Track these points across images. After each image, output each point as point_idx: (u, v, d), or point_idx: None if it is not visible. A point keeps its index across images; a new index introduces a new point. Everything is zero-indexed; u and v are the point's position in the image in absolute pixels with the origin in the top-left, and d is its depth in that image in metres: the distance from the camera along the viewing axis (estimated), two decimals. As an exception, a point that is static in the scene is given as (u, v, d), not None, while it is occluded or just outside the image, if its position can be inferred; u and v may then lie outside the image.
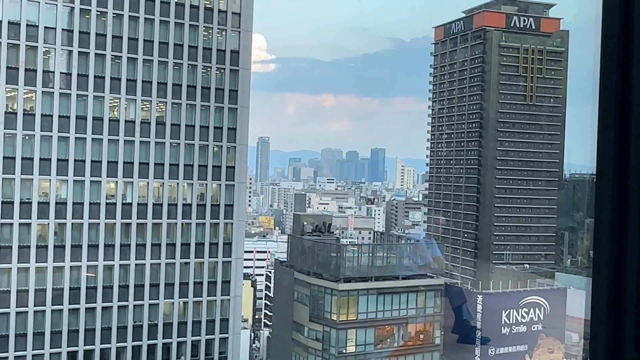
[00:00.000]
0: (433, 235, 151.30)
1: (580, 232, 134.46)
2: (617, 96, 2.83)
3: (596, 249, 2.91)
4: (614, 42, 2.85)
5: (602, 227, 2.87)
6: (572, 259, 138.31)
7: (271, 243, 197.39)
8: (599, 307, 2.90)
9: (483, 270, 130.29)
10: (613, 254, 2.86)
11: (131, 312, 64.40)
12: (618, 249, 2.85)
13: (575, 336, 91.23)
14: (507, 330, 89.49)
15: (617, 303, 2.86)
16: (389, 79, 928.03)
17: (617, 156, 2.84)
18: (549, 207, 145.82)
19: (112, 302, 63.58)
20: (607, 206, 2.86)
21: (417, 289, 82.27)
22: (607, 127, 2.86)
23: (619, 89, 2.83)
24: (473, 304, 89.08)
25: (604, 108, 2.86)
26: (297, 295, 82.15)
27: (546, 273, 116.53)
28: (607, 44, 2.87)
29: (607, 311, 2.88)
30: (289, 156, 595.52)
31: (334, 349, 77.39)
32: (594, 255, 2.92)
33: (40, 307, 60.42)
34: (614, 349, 2.87)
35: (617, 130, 2.84)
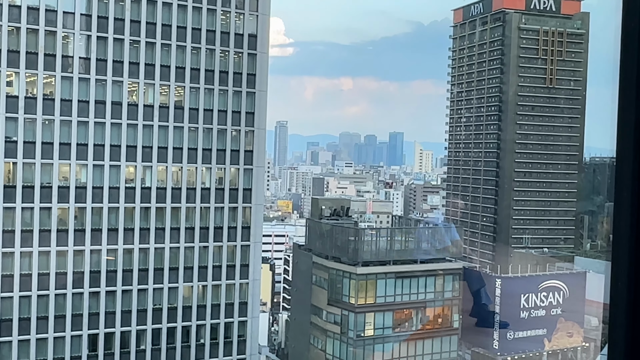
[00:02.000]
0: (451, 219, 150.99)
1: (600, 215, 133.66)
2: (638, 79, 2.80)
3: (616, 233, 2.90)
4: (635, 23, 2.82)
5: (622, 211, 2.85)
6: (592, 242, 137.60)
7: (289, 227, 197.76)
8: (618, 291, 2.88)
9: (502, 254, 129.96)
10: (633, 237, 2.85)
11: (151, 296, 64.90)
12: (638, 233, 2.84)
13: (594, 320, 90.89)
14: (526, 314, 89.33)
15: (637, 287, 2.85)
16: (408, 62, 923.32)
17: (637, 139, 2.81)
18: (568, 190, 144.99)
19: (132, 286, 64.09)
20: (627, 189, 2.84)
21: (435, 273, 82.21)
22: (627, 110, 2.83)
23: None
24: (492, 288, 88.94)
25: (624, 91, 2.84)
26: (315, 279, 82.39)
27: (565, 257, 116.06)
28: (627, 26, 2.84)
29: (627, 295, 2.86)
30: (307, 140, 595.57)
31: (352, 332, 77.62)
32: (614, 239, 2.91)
33: (61, 290, 61.03)
34: (633, 332, 2.85)
35: (637, 113, 2.81)
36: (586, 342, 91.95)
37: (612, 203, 2.95)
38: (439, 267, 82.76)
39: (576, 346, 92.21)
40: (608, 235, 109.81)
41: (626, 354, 2.84)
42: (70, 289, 61.33)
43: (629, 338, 2.84)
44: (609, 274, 2.94)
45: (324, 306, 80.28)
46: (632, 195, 2.83)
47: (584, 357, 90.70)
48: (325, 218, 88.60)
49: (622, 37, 2.85)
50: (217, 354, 67.62)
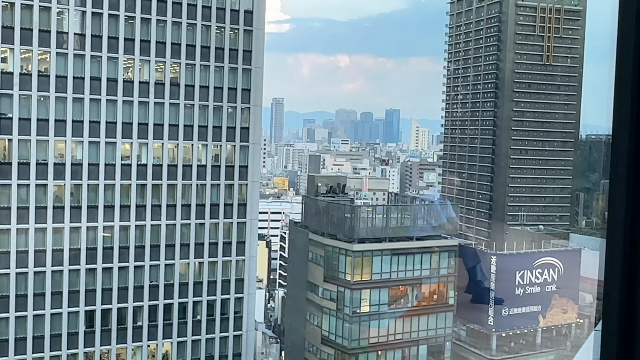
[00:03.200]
0: (447, 196, 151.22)
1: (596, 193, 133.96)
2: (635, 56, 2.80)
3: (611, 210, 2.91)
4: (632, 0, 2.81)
5: (617, 188, 2.86)
6: (587, 220, 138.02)
7: (285, 204, 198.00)
8: (613, 267, 2.90)
9: (497, 231, 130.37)
10: (628, 215, 2.86)
11: (147, 272, 65.07)
12: (633, 210, 2.85)
13: (588, 297, 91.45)
14: (521, 291, 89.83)
15: (631, 264, 2.87)
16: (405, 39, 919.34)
17: (633, 117, 2.81)
18: (564, 168, 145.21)
19: (129, 262, 64.23)
20: (623, 167, 2.84)
21: (431, 250, 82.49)
22: (623, 88, 2.83)
23: (637, 49, 2.80)
24: (487, 265, 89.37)
25: (621, 68, 2.83)
26: (311, 256, 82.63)
27: (561, 234, 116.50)
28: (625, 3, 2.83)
29: (621, 272, 2.88)
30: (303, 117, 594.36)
31: (348, 308, 78.00)
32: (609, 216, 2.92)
33: (57, 267, 61.14)
34: (627, 309, 2.87)
35: (634, 91, 2.81)
36: (580, 319, 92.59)
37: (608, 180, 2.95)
38: (435, 244, 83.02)
39: (570, 322, 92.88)
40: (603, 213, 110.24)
41: (620, 330, 2.86)
42: (66, 265, 61.44)
43: (623, 314, 2.86)
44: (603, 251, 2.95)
45: (320, 283, 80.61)
46: (628, 173, 2.83)
47: (578, 332, 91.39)
48: (321, 195, 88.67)
49: (619, 14, 2.84)
50: (214, 330, 67.97)
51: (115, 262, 63.59)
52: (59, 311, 61.18)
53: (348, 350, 78.05)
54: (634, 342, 2.85)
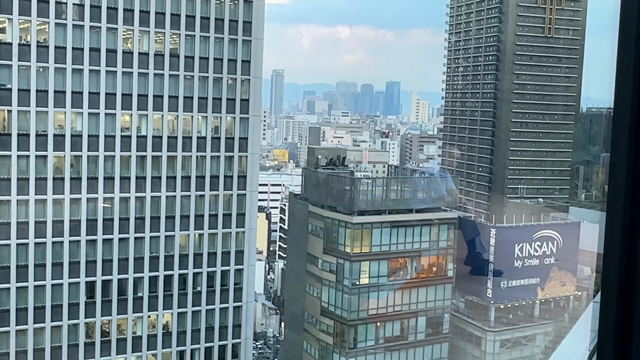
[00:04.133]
0: (447, 168, 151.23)
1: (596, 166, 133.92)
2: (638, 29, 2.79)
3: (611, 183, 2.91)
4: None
5: (618, 161, 2.86)
6: (587, 193, 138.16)
7: (285, 176, 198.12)
8: (612, 240, 2.91)
9: (497, 204, 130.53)
10: (628, 188, 2.86)
11: (147, 244, 65.27)
12: (633, 183, 2.85)
13: (587, 269, 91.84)
14: (520, 264, 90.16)
15: (631, 237, 2.88)
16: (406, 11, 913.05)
17: (635, 90, 2.81)
18: (564, 141, 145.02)
19: (129, 234, 64.40)
20: (623, 140, 2.84)
21: (430, 222, 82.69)
22: (625, 61, 2.82)
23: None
24: (486, 238, 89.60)
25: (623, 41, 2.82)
26: (311, 228, 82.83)
27: (560, 207, 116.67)
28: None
29: (620, 244, 2.89)
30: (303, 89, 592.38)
31: (348, 280, 78.37)
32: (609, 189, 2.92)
33: (58, 238, 61.32)
34: (626, 282, 2.89)
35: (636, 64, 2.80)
36: (579, 291, 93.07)
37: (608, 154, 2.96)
38: (434, 217, 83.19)
39: (569, 295, 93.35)
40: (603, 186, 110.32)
41: (618, 302, 2.88)
42: (67, 236, 61.61)
43: (621, 286, 2.88)
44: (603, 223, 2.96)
45: (320, 255, 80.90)
46: (629, 146, 2.83)
47: (576, 305, 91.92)
48: (321, 167, 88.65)
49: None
50: (214, 301, 68.36)
51: (116, 234, 63.76)
52: (59, 282, 61.48)
53: (347, 322, 78.57)
54: (632, 314, 2.87)
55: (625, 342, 2.89)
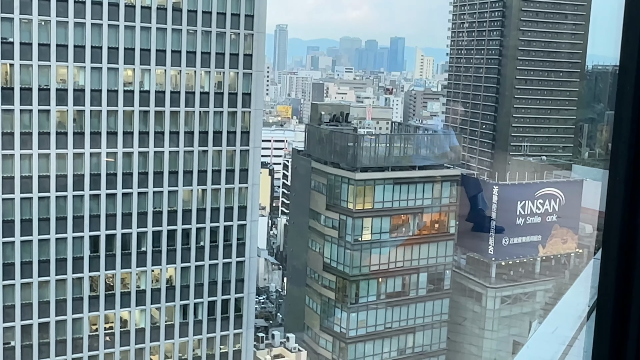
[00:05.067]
0: (451, 125, 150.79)
1: (600, 124, 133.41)
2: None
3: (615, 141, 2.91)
4: None
5: (622, 119, 2.86)
6: (590, 151, 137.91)
7: (289, 132, 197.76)
8: (614, 198, 2.92)
9: (500, 162, 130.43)
10: (632, 146, 2.86)
11: (151, 199, 65.47)
12: (637, 141, 2.85)
13: (588, 227, 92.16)
14: (522, 221, 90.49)
15: (633, 195, 2.89)
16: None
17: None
18: (569, 98, 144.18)
19: (132, 189, 64.55)
20: (628, 98, 2.83)
21: (433, 179, 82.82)
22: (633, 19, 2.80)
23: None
24: (489, 195, 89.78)
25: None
26: (314, 184, 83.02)
27: (563, 165, 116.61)
28: None
29: (623, 202, 2.90)
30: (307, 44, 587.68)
31: (350, 236, 78.81)
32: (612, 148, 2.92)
33: (61, 192, 61.50)
34: (627, 239, 2.91)
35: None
36: (580, 249, 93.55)
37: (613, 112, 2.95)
38: (437, 174, 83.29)
39: (570, 252, 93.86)
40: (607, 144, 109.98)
41: (619, 259, 2.90)
42: (70, 191, 61.78)
43: (622, 244, 2.90)
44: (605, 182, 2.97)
45: (322, 211, 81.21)
46: (633, 104, 2.83)
47: (577, 262, 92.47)
48: (324, 123, 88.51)
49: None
50: (217, 256, 68.82)
51: (119, 189, 63.91)
52: (63, 236, 61.84)
53: (349, 277, 79.23)
54: (633, 271, 2.89)
55: (625, 298, 2.92)
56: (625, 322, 2.93)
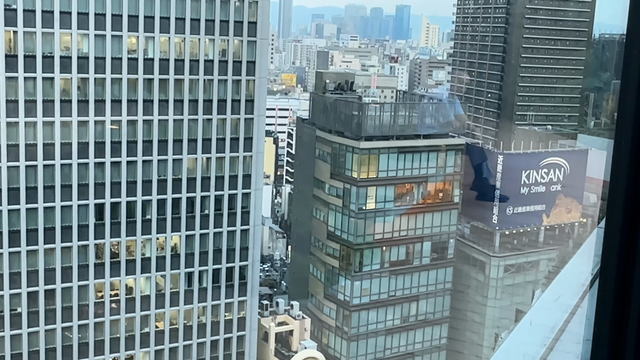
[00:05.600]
0: (456, 94, 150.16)
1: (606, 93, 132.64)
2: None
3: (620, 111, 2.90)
4: None
5: (628, 88, 2.85)
6: (596, 120, 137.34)
7: (293, 101, 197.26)
8: (618, 168, 2.92)
9: (505, 131, 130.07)
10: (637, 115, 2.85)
11: (155, 167, 65.54)
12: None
13: (593, 197, 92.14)
14: (526, 190, 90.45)
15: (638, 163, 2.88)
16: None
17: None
18: (575, 67, 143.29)
19: (137, 157, 64.60)
20: (635, 67, 2.82)
21: (438, 148, 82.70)
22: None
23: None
24: (493, 164, 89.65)
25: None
26: (318, 153, 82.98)
27: (569, 134, 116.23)
28: None
29: (627, 172, 2.90)
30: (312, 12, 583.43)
31: (354, 205, 78.94)
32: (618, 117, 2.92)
33: (66, 160, 61.57)
34: (631, 208, 2.91)
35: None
36: (584, 218, 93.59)
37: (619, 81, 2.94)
38: (442, 142, 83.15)
39: (574, 222, 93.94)
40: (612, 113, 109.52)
41: (622, 228, 2.91)
42: (75, 159, 61.86)
43: (626, 213, 2.91)
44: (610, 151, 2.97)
45: (327, 179, 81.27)
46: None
47: (581, 231, 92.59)
48: (329, 92, 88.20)
49: None
50: (221, 224, 69.06)
51: (124, 157, 63.96)
52: (68, 204, 62.06)
53: (353, 246, 79.53)
54: (636, 240, 2.90)
55: (628, 266, 2.93)
56: (627, 290, 2.95)
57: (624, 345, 2.98)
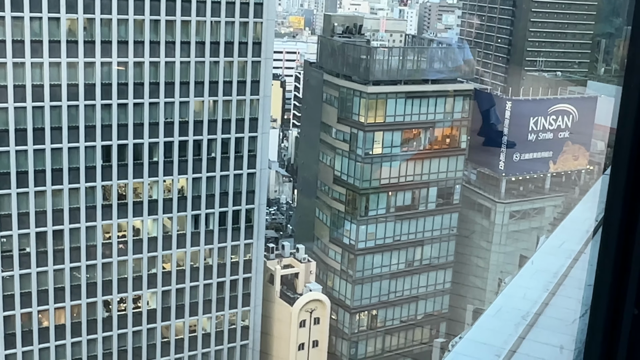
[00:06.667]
0: (466, 39, 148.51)
1: (618, 39, 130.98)
2: None
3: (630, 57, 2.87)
4: None
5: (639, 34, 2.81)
6: (607, 67, 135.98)
7: (301, 44, 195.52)
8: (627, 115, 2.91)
9: (514, 76, 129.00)
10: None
11: (162, 109, 65.38)
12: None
13: (600, 144, 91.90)
14: (534, 137, 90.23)
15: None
16: None
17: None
18: (587, 12, 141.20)
19: (144, 99, 64.40)
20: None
21: (446, 93, 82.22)
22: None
23: None
24: (501, 110, 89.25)
25: None
26: (325, 97, 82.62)
27: (578, 81, 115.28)
28: None
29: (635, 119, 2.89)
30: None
31: (361, 150, 78.91)
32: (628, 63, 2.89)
33: (73, 101, 61.44)
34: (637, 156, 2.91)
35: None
36: (591, 166, 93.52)
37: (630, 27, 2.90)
38: (450, 88, 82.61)
39: (580, 169, 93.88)
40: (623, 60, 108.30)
41: (628, 175, 2.91)
42: (82, 100, 61.71)
43: (632, 160, 2.90)
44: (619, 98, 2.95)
45: (334, 124, 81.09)
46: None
47: (588, 178, 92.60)
48: (337, 35, 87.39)
49: None
50: (228, 167, 69.19)
51: (130, 99, 63.77)
52: (75, 145, 62.13)
53: (359, 190, 79.76)
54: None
55: (633, 213, 2.94)
56: (631, 237, 2.96)
57: (625, 291, 3.01)
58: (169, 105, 65.60)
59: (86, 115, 62.12)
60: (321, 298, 74.90)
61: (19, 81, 59.13)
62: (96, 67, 61.76)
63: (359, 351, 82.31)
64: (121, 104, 63.41)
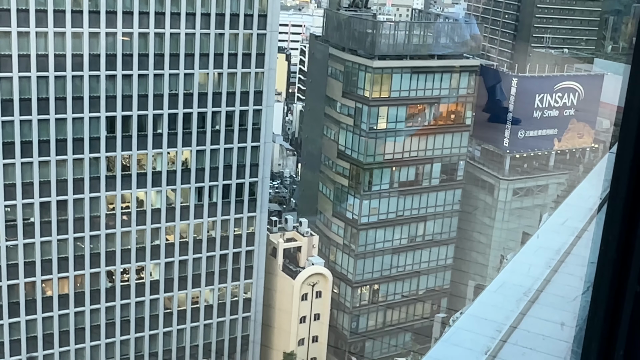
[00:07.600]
0: (473, 14, 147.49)
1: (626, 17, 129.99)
2: None
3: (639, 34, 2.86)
4: None
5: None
6: (614, 44, 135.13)
7: (307, 17, 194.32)
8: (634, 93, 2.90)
9: (521, 53, 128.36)
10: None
11: (167, 81, 65.17)
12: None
13: (606, 122, 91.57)
14: (539, 114, 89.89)
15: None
16: None
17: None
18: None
19: (148, 70, 64.19)
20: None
21: (451, 69, 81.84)
22: None
23: None
24: (507, 87, 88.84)
25: None
26: (330, 71, 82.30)
27: (585, 58, 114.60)
28: None
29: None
30: None
31: (365, 124, 78.75)
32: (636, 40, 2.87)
33: (78, 72, 61.27)
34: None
35: None
36: (595, 144, 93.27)
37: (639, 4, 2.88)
38: (456, 63, 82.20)
39: (585, 147, 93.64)
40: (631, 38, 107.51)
41: (634, 153, 2.91)
42: (86, 71, 61.56)
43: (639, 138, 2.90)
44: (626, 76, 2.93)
45: (339, 98, 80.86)
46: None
47: (592, 156, 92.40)
48: (343, 9, 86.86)
49: None
50: (232, 140, 69.17)
51: (135, 70, 63.59)
52: (80, 116, 62.08)
53: (363, 165, 79.73)
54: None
55: (637, 191, 2.94)
56: (636, 214, 2.96)
57: (628, 269, 3.02)
58: (174, 77, 65.42)
59: (90, 85, 62.02)
60: (323, 272, 75.22)
61: (24, 51, 58.94)
62: (101, 37, 61.53)
63: (360, 325, 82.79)
64: (126, 75, 63.26)
